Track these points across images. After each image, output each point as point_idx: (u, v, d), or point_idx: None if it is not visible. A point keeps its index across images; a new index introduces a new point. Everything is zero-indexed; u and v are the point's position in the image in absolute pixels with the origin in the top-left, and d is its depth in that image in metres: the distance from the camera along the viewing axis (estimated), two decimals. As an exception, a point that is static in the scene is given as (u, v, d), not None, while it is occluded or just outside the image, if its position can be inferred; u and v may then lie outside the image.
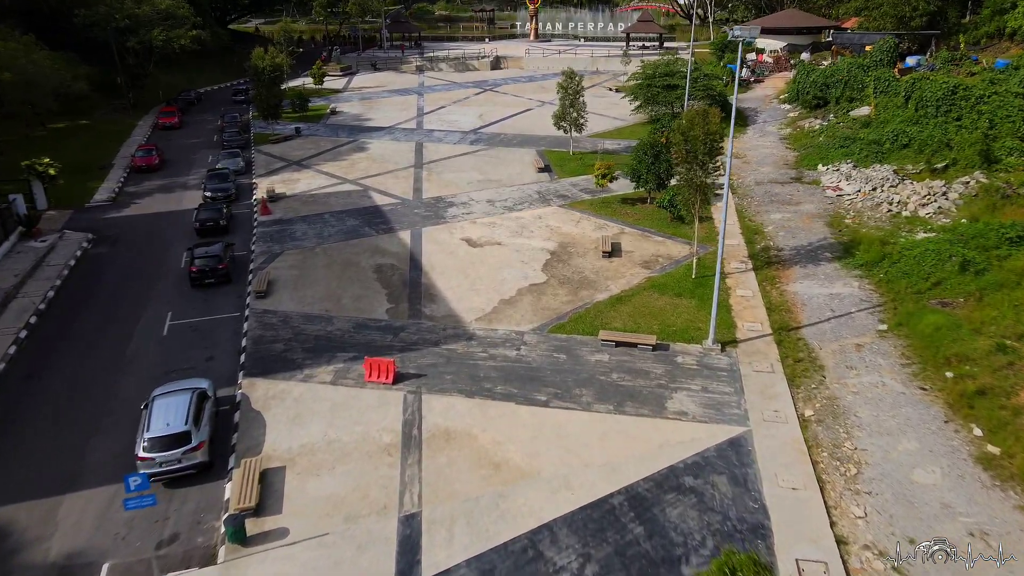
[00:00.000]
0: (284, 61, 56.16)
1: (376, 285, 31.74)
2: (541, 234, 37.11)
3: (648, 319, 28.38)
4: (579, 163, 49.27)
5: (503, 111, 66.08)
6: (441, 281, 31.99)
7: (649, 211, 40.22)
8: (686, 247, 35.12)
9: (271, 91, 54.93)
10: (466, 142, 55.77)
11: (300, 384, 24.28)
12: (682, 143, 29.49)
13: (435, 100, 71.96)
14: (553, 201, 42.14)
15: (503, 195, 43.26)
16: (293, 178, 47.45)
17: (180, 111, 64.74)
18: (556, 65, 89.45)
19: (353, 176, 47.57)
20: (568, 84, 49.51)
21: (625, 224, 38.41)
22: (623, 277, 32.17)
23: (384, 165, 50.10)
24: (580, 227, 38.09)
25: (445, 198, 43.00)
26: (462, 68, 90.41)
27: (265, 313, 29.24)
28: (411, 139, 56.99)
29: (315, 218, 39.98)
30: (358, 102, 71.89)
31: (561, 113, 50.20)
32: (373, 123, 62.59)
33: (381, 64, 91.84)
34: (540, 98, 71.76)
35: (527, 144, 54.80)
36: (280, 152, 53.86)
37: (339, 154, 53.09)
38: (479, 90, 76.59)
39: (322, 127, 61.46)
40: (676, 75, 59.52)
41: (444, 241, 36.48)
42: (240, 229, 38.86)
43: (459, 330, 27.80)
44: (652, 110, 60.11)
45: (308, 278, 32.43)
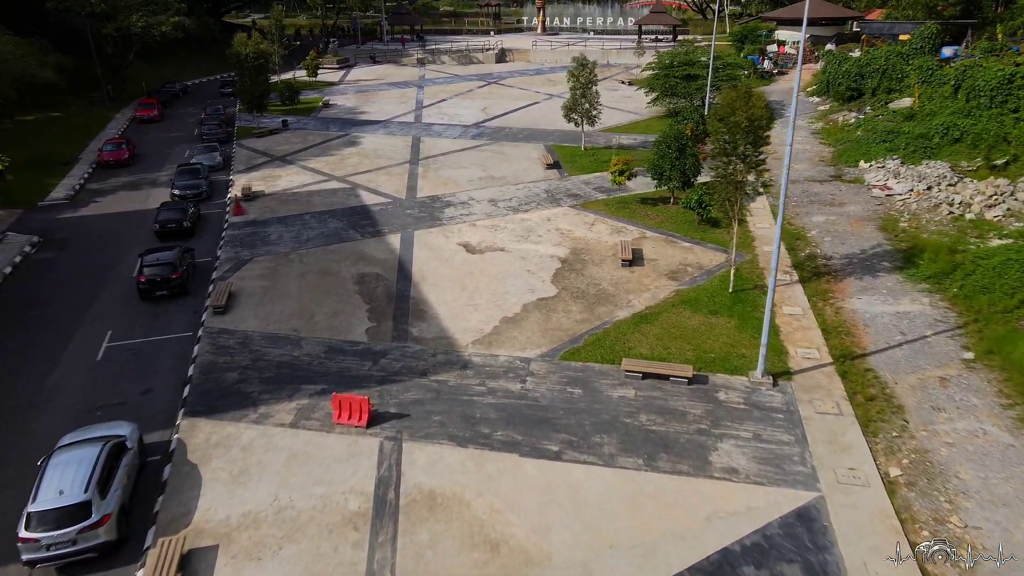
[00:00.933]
0: (270, 48, 51.52)
1: (356, 299, 27.02)
2: (550, 239, 32.34)
3: (680, 343, 23.56)
4: (592, 159, 44.46)
5: (508, 104, 61.33)
6: (433, 294, 27.26)
7: (673, 212, 35.39)
8: (719, 255, 30.29)
9: (256, 81, 50.37)
10: (467, 137, 51.04)
11: (252, 427, 19.56)
12: (720, 132, 24.65)
13: (436, 93, 67.28)
14: (564, 201, 37.37)
15: (507, 194, 38.52)
16: (274, 175, 42.80)
17: (161, 104, 60.24)
18: (565, 58, 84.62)
19: (341, 173, 42.88)
20: (579, 72, 44.73)
21: (646, 227, 33.59)
22: (647, 290, 27.35)
23: (376, 161, 45.41)
24: (595, 231, 33.30)
25: (442, 197, 38.27)
26: (465, 61, 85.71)
27: (222, 333, 24.55)
28: (407, 133, 52.29)
29: (294, 219, 35.30)
30: (353, 95, 67.26)
31: (572, 104, 45.43)
32: (367, 116, 57.92)
33: (380, 57, 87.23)
34: (548, 91, 66.99)
35: (534, 139, 50.04)
36: (264, 147, 49.24)
37: (328, 149, 48.42)
38: (483, 83, 71.88)
39: (312, 120, 56.83)
40: (696, 65, 54.68)
41: (439, 246, 31.75)
42: (208, 231, 34.20)
43: (452, 356, 23.05)
44: (670, 103, 55.26)
45: (278, 290, 27.74)
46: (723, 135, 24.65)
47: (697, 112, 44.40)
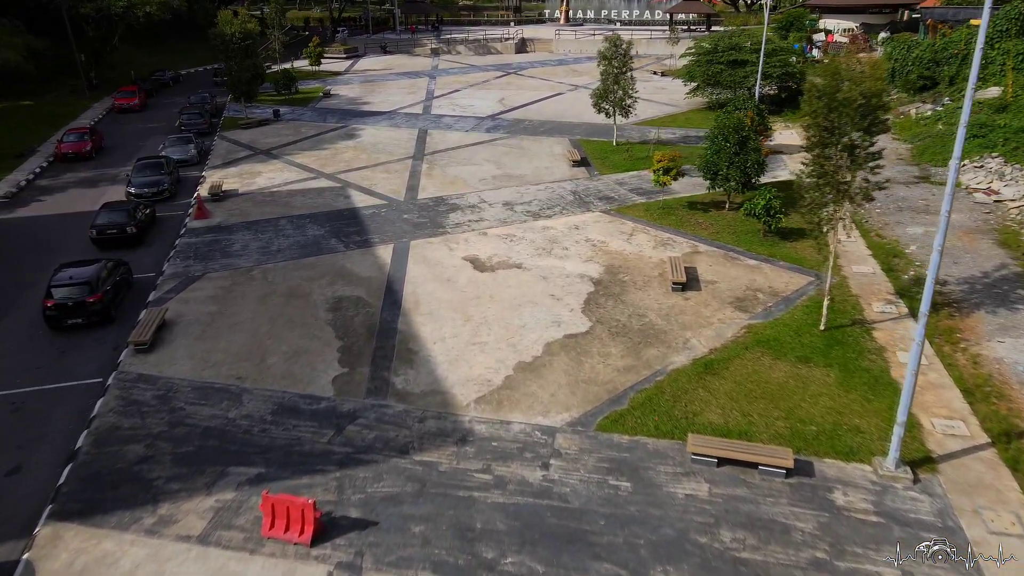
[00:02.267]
0: (258, 28, 45.39)
1: (327, 333, 20.67)
2: (579, 252, 25.81)
3: (764, 406, 16.94)
4: (626, 155, 37.81)
5: (529, 95, 54.81)
6: (428, 328, 20.85)
7: (730, 220, 28.70)
8: (796, 276, 23.58)
9: (242, 65, 44.35)
10: (481, 129, 44.61)
11: (143, 541, 13.24)
12: (819, 114, 17.93)
13: (448, 83, 60.92)
14: (594, 205, 30.81)
15: (526, 196, 32.03)
16: (254, 170, 36.65)
17: (145, 92, 54.46)
18: (590, 48, 77.88)
19: (332, 169, 36.63)
20: (612, 55, 38.13)
21: (698, 239, 26.95)
22: (709, 325, 20.73)
23: (374, 156, 39.12)
24: (635, 243, 26.72)
25: (447, 199, 31.86)
26: (482, 51, 79.34)
27: (139, 381, 18.31)
28: (414, 125, 45.96)
29: (266, 224, 29.07)
30: (358, 84, 61.11)
31: (603, 92, 38.82)
32: (371, 107, 51.70)
33: (392, 47, 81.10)
34: (572, 82, 60.38)
35: (558, 132, 43.50)
36: (249, 139, 43.18)
37: (321, 142, 42.23)
38: (501, 73, 65.42)
39: (309, 111, 50.73)
40: (743, 49, 47.81)
41: (439, 261, 25.33)
42: (161, 239, 28.08)
43: (447, 422, 16.62)
44: (712, 93, 48.48)
45: (228, 319, 21.47)
46: (822, 118, 17.93)
47: (752, 101, 37.65)
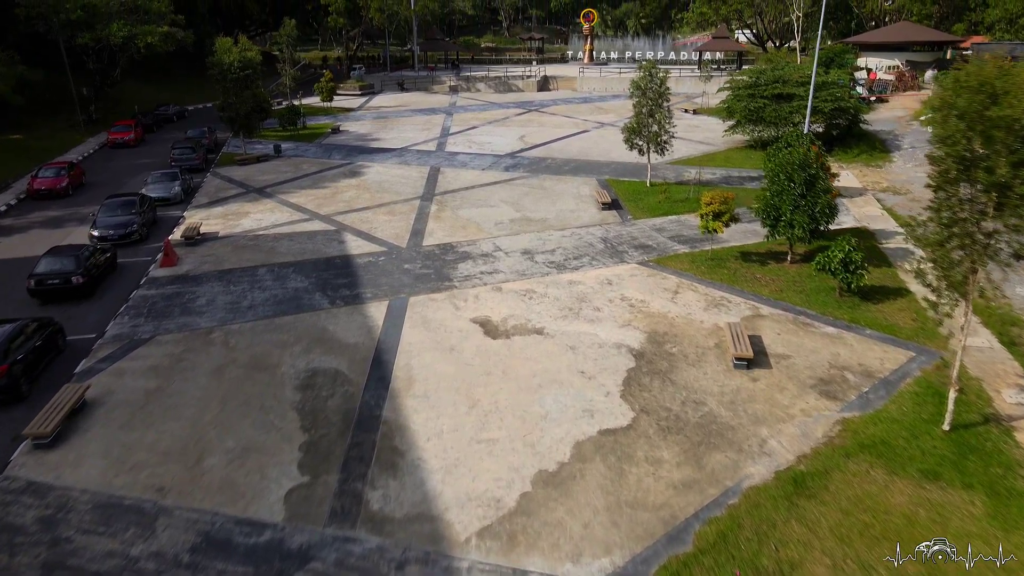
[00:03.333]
0: (259, 57, 41.96)
1: (290, 421, 15.94)
2: (615, 314, 21.01)
3: (887, 549, 11.82)
4: (663, 198, 33.21)
5: (551, 132, 50.79)
6: (421, 416, 16.05)
7: (794, 275, 23.81)
8: (891, 350, 18.57)
9: (241, 97, 40.83)
10: (499, 168, 40.40)
11: None
12: (961, 138, 13.08)
13: (465, 120, 57.22)
14: (629, 255, 26.11)
15: (549, 243, 27.44)
16: (241, 211, 32.55)
17: (143, 127, 51.31)
18: (616, 86, 74.41)
19: (328, 210, 32.42)
20: (647, 83, 33.92)
21: (759, 299, 22.06)
22: (789, 418, 15.72)
23: (378, 196, 34.92)
24: (681, 302, 21.88)
25: (457, 246, 27.35)
26: (503, 89, 76.08)
27: (25, 493, 13.62)
28: (425, 163, 41.91)
29: (242, 274, 24.67)
30: (370, 121, 57.64)
31: (636, 126, 34.52)
32: (381, 144, 47.91)
33: (409, 84, 78.18)
34: (599, 119, 56.39)
35: (584, 172, 39.13)
36: (244, 176, 39.30)
37: (321, 180, 38.22)
38: (522, 110, 61.73)
39: (314, 147, 47.03)
40: (789, 83, 43.48)
41: (442, 324, 20.65)
42: (115, 290, 23.73)
43: (435, 569, 11.69)
44: (753, 130, 44.05)
45: (167, 400, 16.85)
46: (961, 146, 13.11)
47: (807, 137, 33.04)
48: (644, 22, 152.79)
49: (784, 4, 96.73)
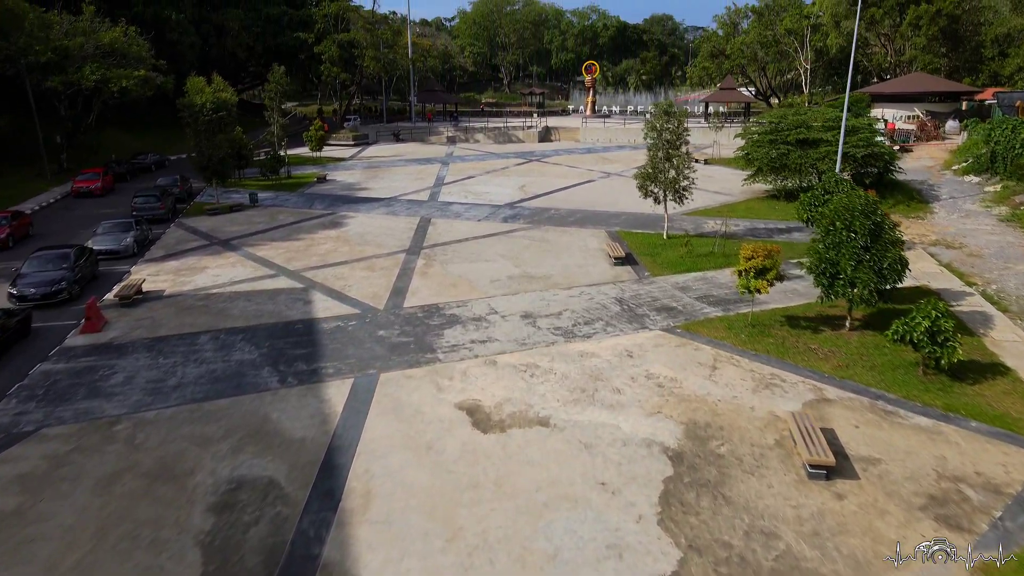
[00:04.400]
0: (234, 99, 38.44)
1: (187, 566, 11.16)
2: (640, 397, 16.42)
3: None
4: (684, 252, 28.93)
5: (554, 182, 47.06)
6: (377, 556, 11.27)
7: (857, 345, 19.31)
8: (1014, 451, 13.89)
9: (213, 141, 37.15)
10: (497, 218, 36.35)
11: None
12: None
13: (462, 169, 53.65)
14: (651, 319, 21.65)
15: (554, 304, 23.02)
16: (198, 265, 28.26)
17: (113, 175, 47.63)
18: (622, 137, 71.43)
19: (299, 264, 28.14)
20: (662, 124, 30.16)
21: (820, 377, 17.51)
22: (905, 563, 10.95)
23: (358, 248, 30.71)
24: (722, 381, 17.31)
25: (444, 308, 22.92)
26: (503, 139, 73.03)
27: None
28: (415, 213, 37.91)
29: (179, 343, 20.16)
30: (360, 170, 54.06)
31: (651, 171, 30.60)
32: (368, 193, 44.07)
33: (405, 135, 75.22)
34: (604, 169, 52.80)
35: (591, 223, 35.05)
36: (211, 227, 35.20)
37: (296, 231, 34.10)
38: (522, 160, 58.28)
39: (296, 196, 43.17)
40: (814, 128, 39.86)
41: (419, 410, 16.02)
42: (19, 362, 19.16)
43: None
44: (777, 179, 40.19)
45: (22, 529, 12.06)
46: None
47: (848, 183, 29.04)
48: (645, 78, 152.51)
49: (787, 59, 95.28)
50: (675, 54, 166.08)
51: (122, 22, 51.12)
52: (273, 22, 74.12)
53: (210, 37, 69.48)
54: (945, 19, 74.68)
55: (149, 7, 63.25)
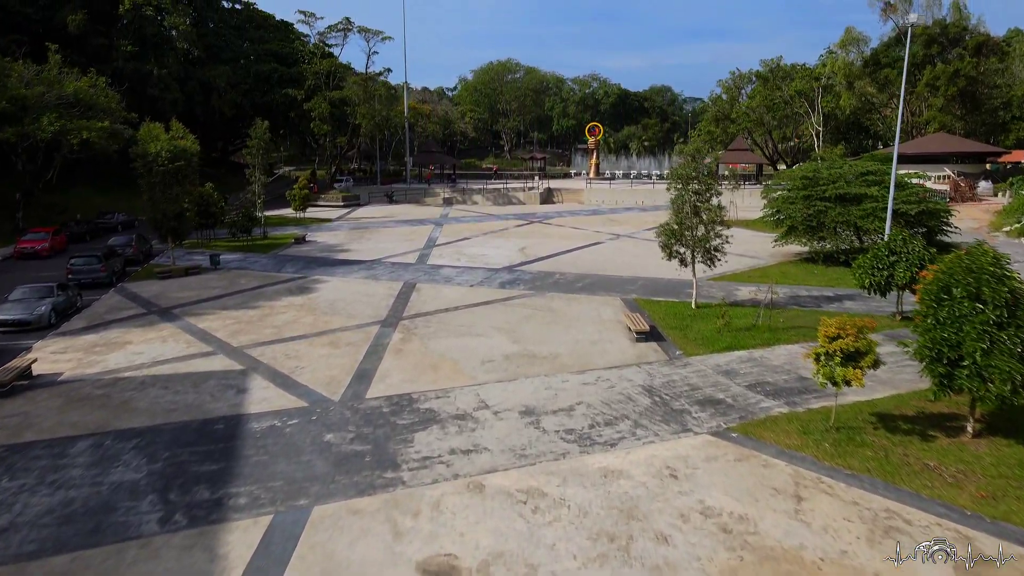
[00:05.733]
0: (194, 147, 33.83)
1: None
2: (702, 556, 10.68)
3: None
4: (721, 325, 23.47)
5: (558, 244, 42.18)
6: None
7: (994, 462, 13.67)
8: None
9: (168, 194, 32.43)
10: (493, 284, 31.18)
11: None
12: None
13: (456, 231, 48.95)
14: (694, 417, 16.09)
15: (563, 395, 17.50)
16: (120, 340, 22.85)
17: (66, 236, 42.96)
18: (628, 198, 67.31)
19: (246, 339, 22.74)
20: (688, 172, 25.38)
21: (956, 513, 11.84)
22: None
23: (324, 319, 25.37)
24: (816, 523, 11.60)
25: (419, 400, 17.38)
26: (503, 201, 68.85)
27: None
28: (398, 277, 32.78)
29: (43, 453, 14.51)
30: (345, 231, 49.37)
31: (676, 229, 25.61)
32: (349, 255, 39.11)
33: (399, 196, 71.15)
34: (613, 231, 48.09)
35: (603, 289, 29.86)
36: (156, 292, 29.99)
37: (256, 298, 28.86)
38: (523, 222, 53.69)
39: (267, 258, 38.20)
40: (854, 182, 35.17)
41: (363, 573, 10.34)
42: None
43: None
44: (812, 240, 35.20)
45: None
46: None
47: (917, 241, 23.94)
48: (647, 144, 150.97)
49: (795, 123, 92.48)
50: (676, 121, 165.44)
51: (92, 72, 47.29)
52: (263, 79, 71.07)
53: (195, 95, 66.13)
54: (964, 80, 71.75)
55: (130, 62, 60.06)
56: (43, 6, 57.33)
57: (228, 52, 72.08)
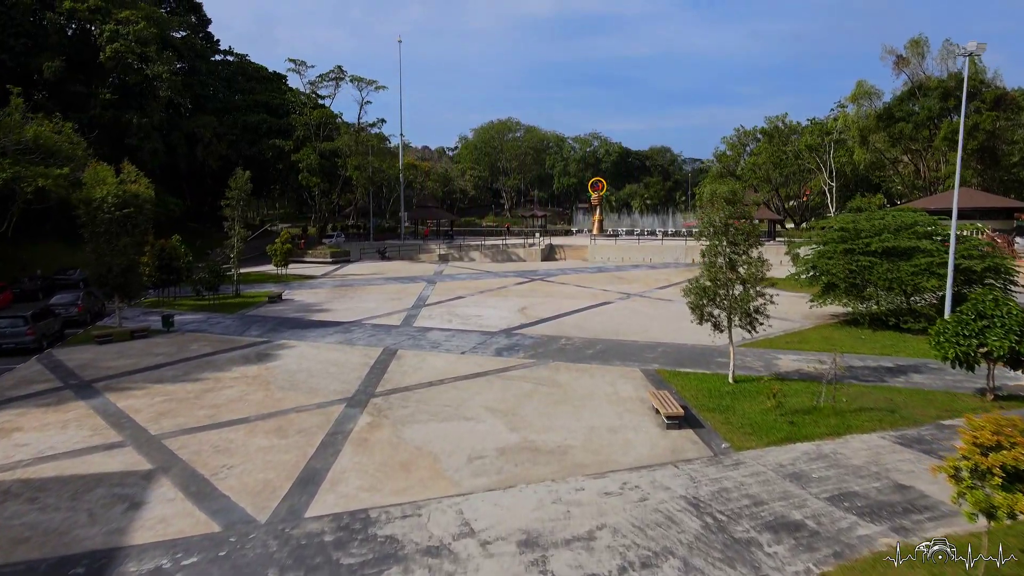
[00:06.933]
0: (147, 193, 29.63)
1: None
2: None
3: None
4: (772, 405, 18.60)
5: (562, 304, 37.57)
6: None
7: None
8: None
9: (114, 246, 28.10)
10: (487, 350, 26.42)
11: None
12: None
13: (450, 289, 44.45)
14: (769, 555, 11.09)
15: (577, 513, 12.53)
16: (8, 426, 17.90)
17: (12, 293, 38.70)
18: (636, 255, 63.10)
19: (171, 424, 17.87)
20: (721, 217, 21.04)
21: None
22: None
23: (278, 396, 20.51)
24: None
25: (378, 522, 12.42)
26: (501, 258, 64.64)
27: None
28: (378, 342, 28.03)
29: None
30: (328, 289, 44.86)
31: (710, 287, 21.05)
32: (326, 316, 34.45)
33: (392, 252, 67.01)
34: (622, 289, 43.56)
35: (618, 357, 25.09)
36: (85, 361, 25.22)
37: (203, 368, 24.06)
38: (523, 279, 49.26)
39: (232, 319, 33.54)
40: (903, 233, 30.84)
41: None
42: None
43: None
44: (856, 301, 30.59)
45: None
46: None
47: (1012, 303, 19.35)
48: (649, 203, 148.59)
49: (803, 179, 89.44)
50: (678, 180, 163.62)
51: (57, 116, 43.76)
52: (251, 130, 67.88)
53: (179, 146, 62.74)
54: (983, 134, 68.72)
55: (108, 110, 56.80)
56: (18, 52, 54.40)
57: (216, 103, 69.23)
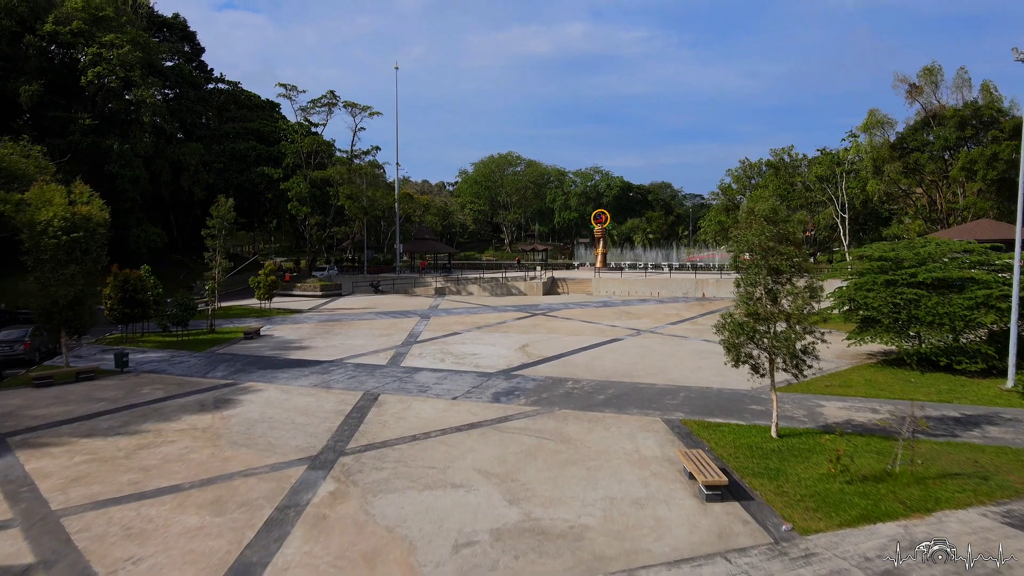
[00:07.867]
0: (101, 216, 26.35)
1: None
2: None
3: None
4: (834, 469, 14.95)
5: (568, 341, 34.04)
6: None
7: None
8: None
9: (60, 275, 24.75)
10: (484, 395, 22.79)
11: None
12: None
13: (445, 324, 40.96)
14: None
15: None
16: None
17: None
18: (643, 289, 59.72)
19: (83, 494, 14.22)
20: (764, 239, 17.65)
21: None
22: None
23: (226, 455, 16.86)
24: None
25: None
26: (501, 292, 61.29)
27: None
28: (358, 386, 24.40)
29: None
30: (313, 324, 41.36)
31: (748, 324, 17.54)
32: (305, 354, 30.89)
33: (386, 285, 63.71)
34: (632, 325, 40.04)
35: (635, 404, 21.46)
36: (10, 408, 21.56)
37: (147, 417, 20.44)
38: (524, 314, 45.80)
39: (197, 357, 29.97)
40: (952, 263, 27.45)
41: None
42: None
43: None
44: (901, 338, 27.04)
45: None
46: None
47: None
48: (652, 237, 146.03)
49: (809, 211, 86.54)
50: (680, 214, 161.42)
51: (24, 139, 40.84)
52: (239, 158, 65.11)
53: (162, 173, 59.84)
54: (1003, 164, 65.92)
55: (88, 135, 54.01)
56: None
57: (205, 130, 66.62)
